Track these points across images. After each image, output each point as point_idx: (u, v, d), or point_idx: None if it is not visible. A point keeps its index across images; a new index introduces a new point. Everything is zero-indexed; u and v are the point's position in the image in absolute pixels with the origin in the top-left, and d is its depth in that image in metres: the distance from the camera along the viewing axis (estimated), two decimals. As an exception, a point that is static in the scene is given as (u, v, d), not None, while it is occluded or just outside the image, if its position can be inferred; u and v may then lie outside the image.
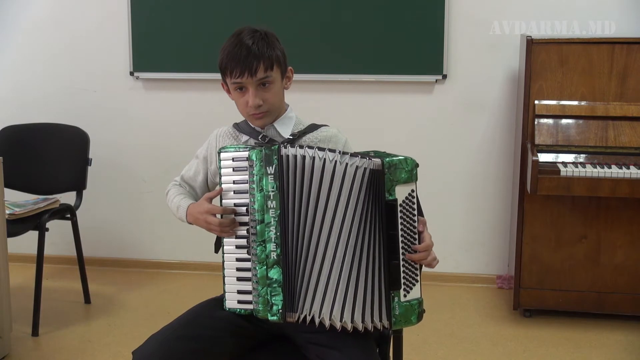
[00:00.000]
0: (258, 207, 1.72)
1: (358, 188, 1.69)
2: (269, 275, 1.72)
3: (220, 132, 2.01)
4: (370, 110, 3.77)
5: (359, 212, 1.69)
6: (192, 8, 3.75)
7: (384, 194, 1.67)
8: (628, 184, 2.99)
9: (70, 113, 3.92)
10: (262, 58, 1.82)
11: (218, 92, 3.88)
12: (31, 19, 3.98)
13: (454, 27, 3.62)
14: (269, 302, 1.73)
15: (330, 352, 1.74)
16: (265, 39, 1.85)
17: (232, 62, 1.82)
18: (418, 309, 1.73)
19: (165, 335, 1.75)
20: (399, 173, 1.67)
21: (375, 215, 1.69)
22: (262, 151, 1.72)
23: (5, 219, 2.96)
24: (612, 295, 3.25)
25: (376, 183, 1.68)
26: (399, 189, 1.68)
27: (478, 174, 3.75)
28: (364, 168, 1.69)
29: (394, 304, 1.70)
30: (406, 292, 1.71)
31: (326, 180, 1.70)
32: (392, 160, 1.68)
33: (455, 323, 3.33)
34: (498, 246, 3.79)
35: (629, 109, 3.12)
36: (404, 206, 1.69)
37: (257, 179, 1.72)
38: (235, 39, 1.85)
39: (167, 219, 3.99)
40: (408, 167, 1.69)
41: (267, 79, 1.85)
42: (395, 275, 1.69)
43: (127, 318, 3.39)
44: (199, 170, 2.04)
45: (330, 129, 1.98)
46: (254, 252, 1.74)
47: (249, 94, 1.85)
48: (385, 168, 1.67)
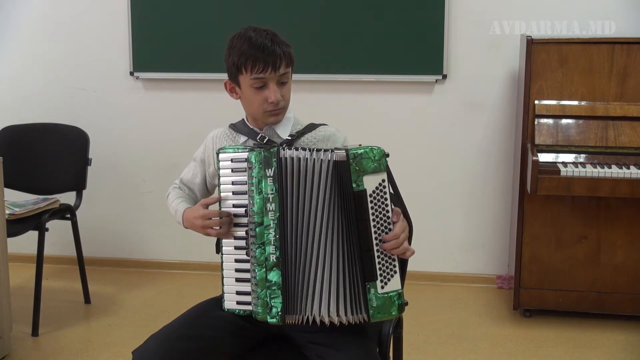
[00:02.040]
0: (257, 210, 1.72)
1: (325, 182, 1.69)
2: (268, 277, 1.72)
3: (217, 134, 2.01)
4: (370, 110, 3.77)
5: (332, 206, 1.70)
6: (192, 8, 3.75)
7: (351, 185, 1.67)
8: (628, 184, 2.99)
9: (70, 113, 3.92)
10: (283, 54, 1.83)
11: (218, 92, 3.88)
12: (31, 19, 3.98)
13: (454, 27, 3.62)
14: (269, 304, 1.73)
15: (330, 352, 1.74)
16: (278, 36, 1.87)
17: (254, 57, 1.81)
18: (398, 301, 1.71)
19: (165, 335, 1.75)
20: (365, 163, 1.67)
21: (345, 207, 1.69)
22: (262, 153, 1.72)
23: (5, 219, 2.96)
24: (612, 295, 3.25)
25: (342, 174, 1.68)
26: (367, 179, 1.67)
27: (478, 174, 3.75)
28: (327, 161, 1.69)
29: (370, 295, 1.69)
30: (383, 284, 1.70)
31: (310, 179, 1.71)
32: (356, 151, 1.67)
33: (455, 323, 3.33)
34: (498, 246, 3.79)
35: (629, 109, 3.11)
36: (375, 196, 1.69)
37: (257, 181, 1.72)
38: (248, 38, 1.83)
39: (167, 219, 3.98)
40: (375, 156, 1.67)
41: (286, 75, 1.86)
42: (369, 267, 1.69)
43: (127, 318, 3.39)
44: (196, 173, 2.04)
45: (328, 128, 1.98)
46: (253, 254, 1.74)
47: (268, 90, 1.84)
48: (350, 159, 1.67)
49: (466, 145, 3.73)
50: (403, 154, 3.75)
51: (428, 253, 3.79)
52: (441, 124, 3.74)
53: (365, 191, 1.68)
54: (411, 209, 1.82)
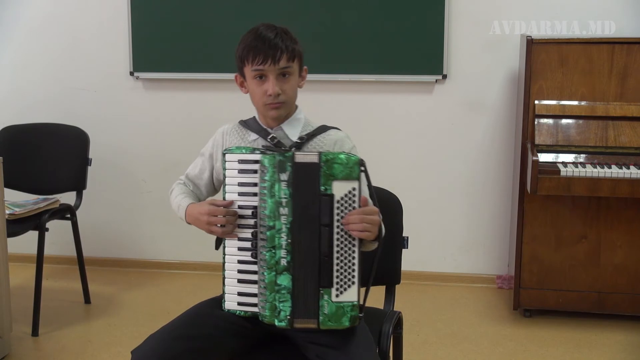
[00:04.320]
0: (269, 213, 1.72)
1: (301, 183, 1.70)
2: (277, 281, 1.72)
3: (227, 130, 2.00)
4: (370, 110, 3.77)
5: (302, 207, 1.70)
6: (192, 8, 3.75)
7: (319, 187, 1.68)
8: (628, 184, 2.99)
9: (70, 113, 3.92)
10: (286, 48, 1.85)
11: (218, 92, 3.91)
12: (31, 19, 3.98)
13: (454, 27, 3.62)
14: (277, 307, 1.72)
15: (330, 352, 1.74)
16: (287, 33, 1.89)
17: (255, 49, 1.84)
18: (350, 312, 1.70)
19: (164, 335, 1.75)
20: (336, 168, 1.67)
21: (312, 209, 1.70)
22: (275, 157, 1.71)
23: (5, 219, 2.95)
24: (612, 295, 3.25)
25: (312, 176, 1.69)
26: (337, 184, 1.68)
27: (478, 174, 3.75)
28: (303, 162, 1.69)
29: (322, 301, 1.69)
30: (339, 292, 1.70)
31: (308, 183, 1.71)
32: (328, 155, 1.68)
33: (455, 323, 3.33)
34: (498, 246, 3.79)
35: (629, 109, 3.12)
36: (343, 203, 1.69)
37: (269, 185, 1.71)
38: (256, 32, 1.87)
39: (167, 219, 4.00)
40: (348, 164, 1.67)
41: (288, 69, 1.86)
42: (326, 272, 1.69)
43: (127, 318, 3.39)
44: (204, 168, 2.03)
45: (339, 133, 1.97)
46: (263, 257, 1.73)
47: (268, 83, 1.85)
48: (322, 162, 1.68)
49: (466, 145, 3.73)
50: (403, 154, 3.76)
51: (428, 253, 3.79)
52: (441, 124, 3.74)
53: (332, 196, 1.68)
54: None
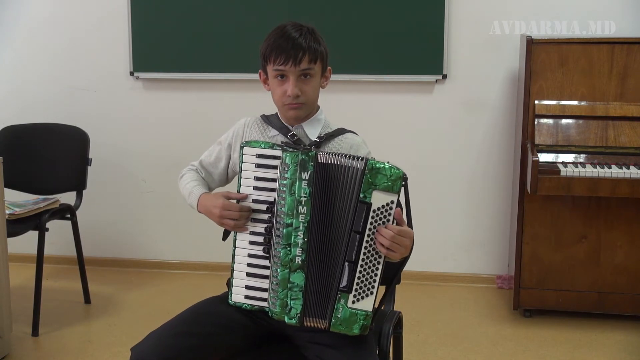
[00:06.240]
0: (287, 211, 1.72)
1: (354, 189, 1.69)
2: (290, 279, 1.72)
3: (249, 122, 2.00)
4: (370, 110, 3.77)
5: (327, 208, 1.71)
6: (192, 8, 3.75)
7: (357, 193, 1.67)
8: (628, 184, 2.99)
9: (70, 113, 3.92)
10: (309, 50, 1.84)
11: (218, 92, 3.91)
12: (31, 19, 3.98)
13: (454, 27, 3.62)
14: (288, 305, 1.73)
15: (330, 352, 1.75)
16: (313, 33, 1.88)
17: (278, 49, 1.84)
18: (363, 321, 1.70)
19: (164, 332, 1.75)
20: (380, 178, 1.67)
21: (342, 212, 1.70)
22: (299, 155, 1.71)
23: (5, 219, 2.95)
24: (612, 295, 3.25)
25: (348, 180, 1.69)
26: (376, 194, 1.67)
27: (478, 174, 3.75)
28: (359, 169, 1.69)
29: (338, 305, 1.69)
30: (355, 300, 1.70)
31: (341, 186, 1.71)
32: (376, 163, 1.67)
33: (455, 323, 3.33)
34: (498, 246, 3.79)
35: (629, 109, 3.12)
36: (378, 214, 1.68)
37: (289, 183, 1.72)
38: (281, 30, 1.86)
39: (167, 219, 4.01)
40: (392, 176, 1.67)
41: (309, 70, 1.86)
42: (347, 277, 1.68)
43: (127, 318, 3.39)
44: (221, 157, 2.02)
45: (355, 137, 1.97)
46: (277, 254, 1.74)
47: (288, 83, 1.85)
48: (367, 169, 1.67)
49: (466, 145, 3.73)
50: (403, 154, 3.75)
51: (428, 253, 3.79)
52: (441, 124, 3.74)
53: (370, 204, 1.67)
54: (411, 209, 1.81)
